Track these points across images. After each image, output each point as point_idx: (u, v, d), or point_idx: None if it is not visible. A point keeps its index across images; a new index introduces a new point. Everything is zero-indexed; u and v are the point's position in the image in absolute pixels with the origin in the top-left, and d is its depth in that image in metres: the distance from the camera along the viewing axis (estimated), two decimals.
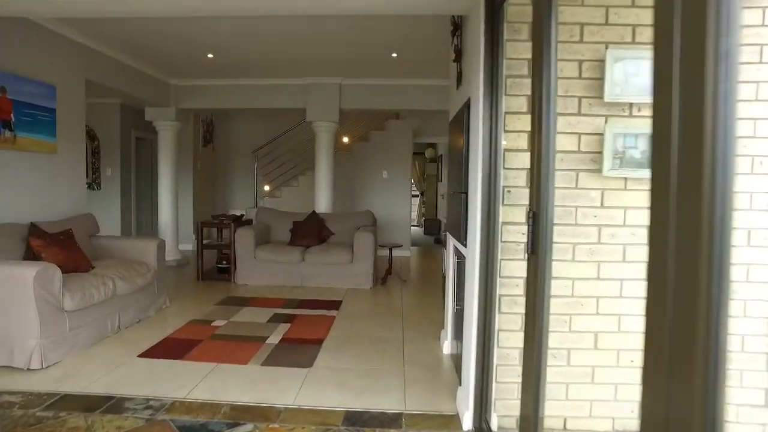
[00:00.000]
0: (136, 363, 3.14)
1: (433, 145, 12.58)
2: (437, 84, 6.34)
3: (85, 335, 3.32)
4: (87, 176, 8.03)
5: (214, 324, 3.98)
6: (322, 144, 6.59)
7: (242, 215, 6.14)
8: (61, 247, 3.56)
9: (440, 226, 11.59)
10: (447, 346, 3.48)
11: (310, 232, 5.82)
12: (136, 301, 3.97)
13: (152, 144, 8.93)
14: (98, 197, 8.08)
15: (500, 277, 2.32)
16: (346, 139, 8.49)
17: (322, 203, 6.61)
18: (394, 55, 5.27)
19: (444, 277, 4.34)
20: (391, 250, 5.92)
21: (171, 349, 3.39)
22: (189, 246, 8.23)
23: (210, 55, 5.35)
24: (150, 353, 3.30)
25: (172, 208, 6.75)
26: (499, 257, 2.30)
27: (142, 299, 4.05)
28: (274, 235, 6.12)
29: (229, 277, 5.69)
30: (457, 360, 3.15)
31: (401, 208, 8.32)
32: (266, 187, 8.89)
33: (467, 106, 2.62)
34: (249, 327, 3.93)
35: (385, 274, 5.86)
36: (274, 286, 5.46)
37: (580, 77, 2.30)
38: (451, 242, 3.40)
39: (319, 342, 3.61)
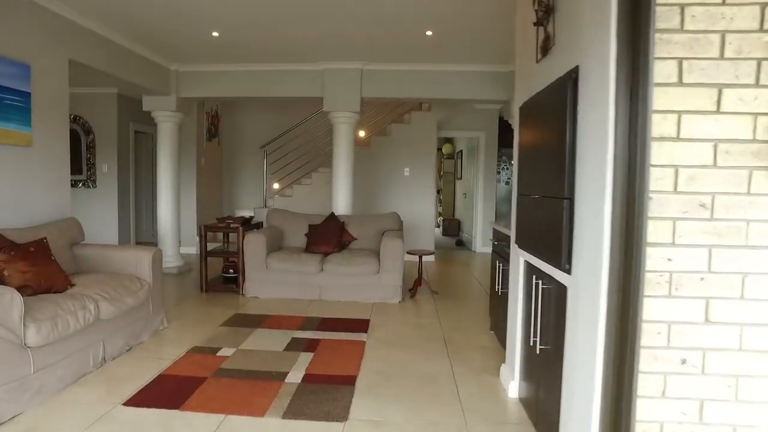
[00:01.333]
0: (119, 414, 2.43)
1: (450, 140, 11.84)
2: (477, 70, 5.61)
3: (56, 376, 2.61)
4: (81, 173, 7.36)
5: (220, 354, 3.27)
6: (340, 137, 5.86)
7: (251, 217, 5.44)
8: (31, 262, 2.85)
9: (459, 227, 10.91)
10: (514, 389, 2.75)
11: (329, 237, 5.10)
12: (126, 324, 3.27)
13: (153, 138, 8.25)
14: (93, 196, 7.41)
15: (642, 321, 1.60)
16: (362, 133, 7.77)
17: (341, 204, 5.89)
18: (429, 33, 4.54)
19: (496, 295, 3.62)
20: (420, 258, 5.20)
21: (166, 392, 2.68)
22: (192, 249, 7.54)
23: (215, 33, 4.63)
24: (139, 399, 2.59)
25: (172, 209, 6.05)
26: (643, 293, 1.58)
27: (133, 322, 3.35)
28: (287, 241, 5.41)
29: (236, 289, 4.99)
30: (532, 409, 2.44)
31: (425, 209, 7.59)
32: (275, 185, 8.20)
33: (572, 78, 1.89)
34: (263, 358, 3.22)
35: (414, 286, 5.15)
36: (289, 300, 4.76)
37: (761, 29, 1.57)
38: (521, 258, 2.69)
39: (351, 380, 2.90)
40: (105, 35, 4.53)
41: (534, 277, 2.38)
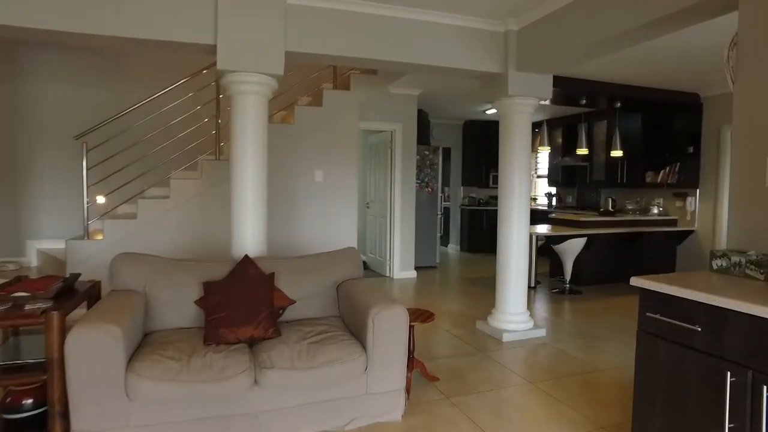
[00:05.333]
0: None
1: None
2: (464, 25, 3.71)
3: None
4: None
5: None
6: (246, 117, 3.35)
7: (77, 276, 2.61)
8: None
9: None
10: None
11: (253, 305, 2.63)
12: None
13: None
14: None
15: None
16: None
17: (250, 237, 3.38)
18: None
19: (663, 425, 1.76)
20: (412, 328, 3.08)
21: None
22: None
23: None
24: None
25: None
26: None
27: None
28: (160, 318, 2.74)
29: None
30: None
31: (346, 232, 5.41)
32: (100, 199, 5.13)
33: None
34: None
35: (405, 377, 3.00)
36: None
37: None
38: None
39: None
40: None
41: None
